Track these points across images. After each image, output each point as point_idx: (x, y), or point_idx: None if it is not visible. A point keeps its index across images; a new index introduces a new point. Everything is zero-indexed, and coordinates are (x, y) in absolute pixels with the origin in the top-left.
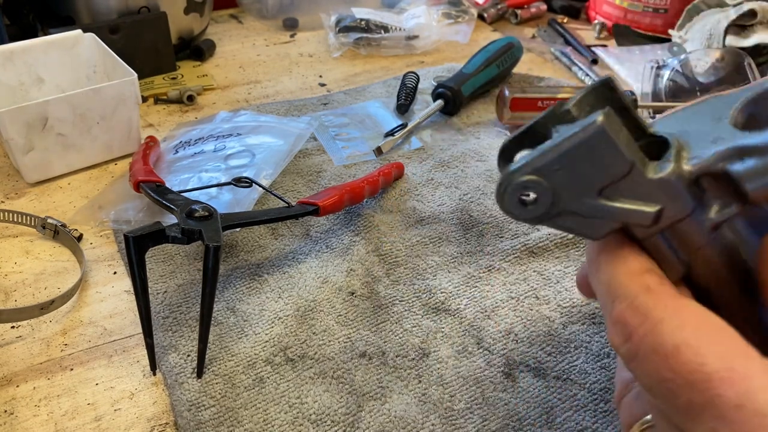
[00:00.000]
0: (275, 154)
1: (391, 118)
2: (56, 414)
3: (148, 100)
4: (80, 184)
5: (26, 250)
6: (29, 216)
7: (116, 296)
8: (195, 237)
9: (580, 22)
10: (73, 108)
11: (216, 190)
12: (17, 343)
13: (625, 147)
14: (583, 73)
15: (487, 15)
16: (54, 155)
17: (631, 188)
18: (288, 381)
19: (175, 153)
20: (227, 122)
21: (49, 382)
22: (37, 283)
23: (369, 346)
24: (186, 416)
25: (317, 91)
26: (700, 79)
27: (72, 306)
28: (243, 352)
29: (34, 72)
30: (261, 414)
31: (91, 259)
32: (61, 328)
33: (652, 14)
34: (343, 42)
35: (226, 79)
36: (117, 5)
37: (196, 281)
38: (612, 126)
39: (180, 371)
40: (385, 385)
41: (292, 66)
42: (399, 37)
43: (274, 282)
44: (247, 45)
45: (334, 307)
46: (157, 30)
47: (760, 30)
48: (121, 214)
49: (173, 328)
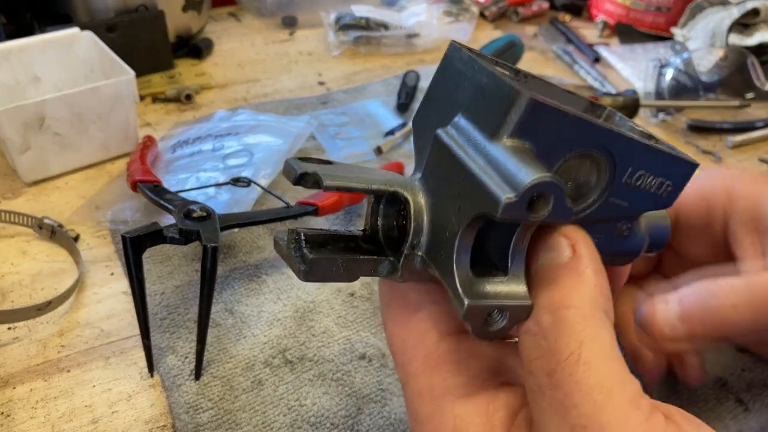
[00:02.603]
0: (274, 153)
1: (391, 117)
2: (53, 416)
3: (145, 99)
4: (77, 184)
5: (23, 251)
6: (26, 216)
7: (113, 297)
8: (193, 237)
9: (582, 21)
10: (71, 107)
11: (214, 189)
12: (14, 344)
13: (343, 276)
14: (585, 72)
15: (489, 13)
16: (51, 155)
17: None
18: (287, 383)
19: (173, 152)
20: (225, 121)
21: (46, 383)
22: (33, 283)
23: (369, 348)
24: (184, 419)
25: (316, 89)
26: (703, 78)
27: (69, 307)
28: (241, 354)
29: (30, 71)
30: (260, 416)
31: (89, 260)
32: (58, 329)
33: (654, 12)
34: (343, 40)
35: (225, 78)
36: (114, 3)
37: (194, 282)
38: (317, 269)
39: (178, 373)
40: (385, 388)
41: (291, 64)
42: (399, 35)
43: (273, 283)
44: (245, 43)
45: (334, 309)
46: (154, 28)
47: (764, 28)
48: (119, 214)
49: (171, 329)
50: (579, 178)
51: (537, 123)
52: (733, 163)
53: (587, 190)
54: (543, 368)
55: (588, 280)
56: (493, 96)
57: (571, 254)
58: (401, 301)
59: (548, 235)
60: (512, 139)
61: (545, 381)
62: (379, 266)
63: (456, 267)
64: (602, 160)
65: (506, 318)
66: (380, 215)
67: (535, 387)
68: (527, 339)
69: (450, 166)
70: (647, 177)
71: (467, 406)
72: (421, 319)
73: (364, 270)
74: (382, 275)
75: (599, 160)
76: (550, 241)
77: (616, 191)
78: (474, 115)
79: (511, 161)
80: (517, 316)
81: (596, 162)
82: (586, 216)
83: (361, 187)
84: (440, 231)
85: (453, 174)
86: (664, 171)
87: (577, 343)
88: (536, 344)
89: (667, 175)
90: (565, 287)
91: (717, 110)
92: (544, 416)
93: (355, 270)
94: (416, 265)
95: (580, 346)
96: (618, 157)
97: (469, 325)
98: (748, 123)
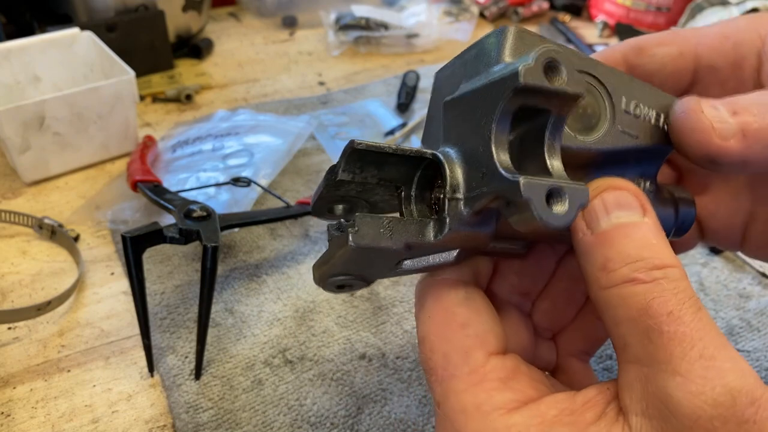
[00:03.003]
0: (274, 153)
1: (391, 117)
2: (53, 416)
3: (145, 99)
4: (77, 184)
5: (23, 251)
6: (26, 216)
7: (114, 297)
8: (193, 237)
9: (582, 21)
10: (70, 107)
11: (214, 189)
12: (14, 344)
13: (390, 240)
14: None
15: (489, 13)
16: (51, 154)
17: (424, 251)
18: (287, 383)
19: (173, 152)
20: (225, 121)
21: (47, 383)
22: (33, 283)
23: (369, 347)
24: (184, 418)
25: (316, 89)
26: None
27: (69, 307)
28: (241, 354)
29: (30, 71)
30: (260, 416)
31: (89, 260)
32: (58, 329)
33: (654, 12)
34: (343, 40)
35: (225, 78)
36: (114, 3)
37: (194, 282)
38: (365, 230)
39: (178, 373)
40: (385, 387)
41: (291, 64)
42: (399, 35)
43: (273, 283)
44: (245, 43)
45: (334, 309)
46: (154, 28)
47: None
48: (119, 214)
49: (171, 329)
50: (584, 109)
51: (526, 47)
52: None
53: (596, 120)
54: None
55: (666, 241)
56: (480, 48)
57: (643, 213)
58: (446, 314)
59: (614, 190)
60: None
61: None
62: (426, 227)
63: (497, 159)
64: (596, 88)
65: (567, 200)
66: (413, 199)
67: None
68: (627, 289)
69: (465, 107)
70: (643, 107)
71: (520, 415)
72: (467, 335)
73: (412, 232)
74: (430, 238)
75: (594, 90)
76: (623, 198)
77: (620, 119)
78: (475, 69)
79: (512, 65)
80: (577, 198)
81: (592, 93)
82: (608, 149)
83: (391, 148)
84: (473, 159)
85: (470, 108)
86: (655, 102)
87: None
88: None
89: (659, 107)
90: (652, 244)
91: None
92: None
93: (402, 232)
94: (461, 211)
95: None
96: (607, 84)
97: (535, 206)
98: None
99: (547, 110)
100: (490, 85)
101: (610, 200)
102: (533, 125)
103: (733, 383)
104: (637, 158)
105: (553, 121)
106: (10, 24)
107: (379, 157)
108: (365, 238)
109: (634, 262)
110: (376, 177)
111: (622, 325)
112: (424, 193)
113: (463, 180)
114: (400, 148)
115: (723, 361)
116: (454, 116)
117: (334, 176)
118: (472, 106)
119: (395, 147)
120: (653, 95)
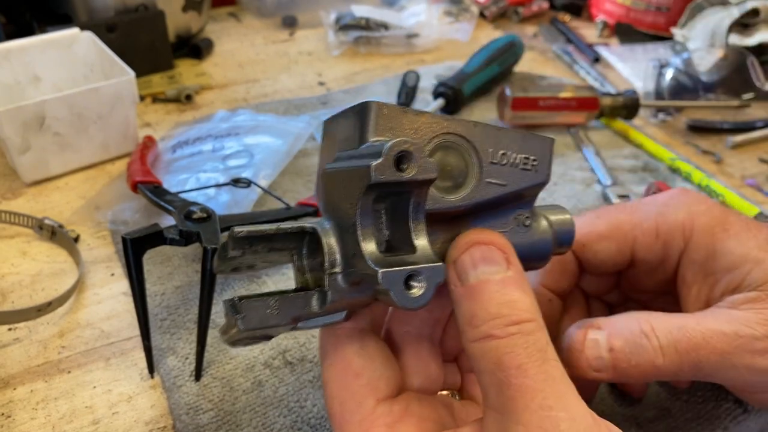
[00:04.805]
0: (274, 154)
1: None
2: (54, 417)
3: (145, 99)
4: (77, 184)
5: (23, 251)
6: (26, 216)
7: (114, 298)
8: (193, 239)
9: (582, 21)
10: (71, 107)
11: (214, 190)
12: (14, 345)
13: (277, 318)
14: (584, 72)
15: (489, 13)
16: (51, 155)
17: (314, 317)
18: (287, 384)
19: (173, 153)
20: (226, 122)
21: (47, 384)
22: (33, 284)
23: None
24: (184, 420)
25: (316, 89)
26: (703, 78)
27: (69, 308)
28: (242, 355)
29: (30, 71)
30: (260, 418)
31: (89, 261)
32: (58, 330)
33: (654, 12)
34: (343, 40)
35: (225, 78)
36: (114, 3)
37: (195, 283)
38: (252, 315)
39: (178, 374)
40: None
41: (291, 64)
42: (399, 35)
43: (273, 284)
44: (245, 43)
45: None
46: (154, 28)
47: (763, 29)
48: (119, 214)
49: (171, 330)
50: (451, 169)
51: (389, 122)
52: (733, 162)
53: (463, 178)
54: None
55: (528, 289)
56: (353, 117)
57: (507, 267)
58: (345, 363)
59: (480, 245)
60: (376, 137)
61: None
62: (311, 300)
63: (363, 248)
64: (463, 146)
65: (425, 280)
66: (306, 266)
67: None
68: (478, 345)
69: (337, 183)
70: (510, 155)
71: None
72: (361, 385)
73: (298, 306)
74: (316, 309)
75: (461, 148)
76: (488, 254)
77: (487, 172)
78: (347, 143)
79: (375, 146)
80: (434, 277)
81: (459, 151)
82: (477, 202)
83: (272, 229)
84: (345, 234)
85: (340, 186)
86: (523, 147)
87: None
88: (488, 348)
89: (527, 150)
90: (512, 299)
91: (717, 110)
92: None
93: (288, 307)
94: (340, 283)
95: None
96: (473, 141)
97: (393, 294)
98: (748, 123)
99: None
100: (351, 172)
101: (476, 255)
102: (400, 199)
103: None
104: (512, 199)
105: (413, 203)
106: (10, 24)
107: (264, 236)
108: (252, 322)
109: (493, 320)
110: (267, 248)
111: (483, 375)
112: (315, 258)
113: (340, 254)
114: (281, 228)
115: (558, 411)
116: (329, 190)
117: (225, 253)
118: (342, 185)
119: (276, 228)
120: (521, 140)
